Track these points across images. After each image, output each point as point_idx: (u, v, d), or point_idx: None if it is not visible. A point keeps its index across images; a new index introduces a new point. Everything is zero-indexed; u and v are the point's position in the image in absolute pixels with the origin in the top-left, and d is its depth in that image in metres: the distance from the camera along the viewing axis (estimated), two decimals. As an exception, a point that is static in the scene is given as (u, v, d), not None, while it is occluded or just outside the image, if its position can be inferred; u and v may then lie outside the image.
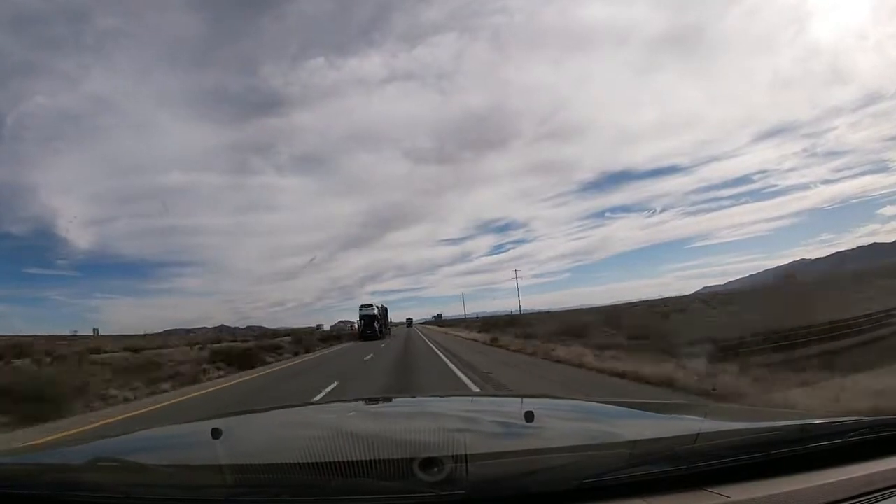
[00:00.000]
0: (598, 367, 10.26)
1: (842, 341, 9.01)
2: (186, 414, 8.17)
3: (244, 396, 11.37)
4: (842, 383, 5.80)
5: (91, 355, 24.43)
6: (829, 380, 6.21)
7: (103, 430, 6.73)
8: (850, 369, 6.55)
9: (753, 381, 6.67)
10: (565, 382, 9.14)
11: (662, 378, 7.57)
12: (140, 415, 8.97)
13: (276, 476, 1.02)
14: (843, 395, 5.16)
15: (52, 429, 7.64)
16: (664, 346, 10.79)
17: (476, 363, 14.01)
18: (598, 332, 19.83)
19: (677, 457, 0.94)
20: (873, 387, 5.33)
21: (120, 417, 8.73)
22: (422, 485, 0.85)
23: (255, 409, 3.17)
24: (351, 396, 7.87)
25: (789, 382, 6.43)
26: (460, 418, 1.69)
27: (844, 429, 1.05)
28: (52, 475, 1.13)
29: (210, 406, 9.57)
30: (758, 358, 8.28)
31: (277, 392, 11.81)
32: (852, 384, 5.67)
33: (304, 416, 2.04)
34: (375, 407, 2.30)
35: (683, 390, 6.73)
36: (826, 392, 5.43)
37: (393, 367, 15.62)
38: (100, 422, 8.25)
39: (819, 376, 6.59)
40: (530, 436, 1.32)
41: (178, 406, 10.13)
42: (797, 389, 5.85)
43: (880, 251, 34.68)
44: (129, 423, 7.98)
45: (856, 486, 0.89)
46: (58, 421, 8.43)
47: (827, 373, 6.76)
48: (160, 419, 7.70)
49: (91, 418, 8.73)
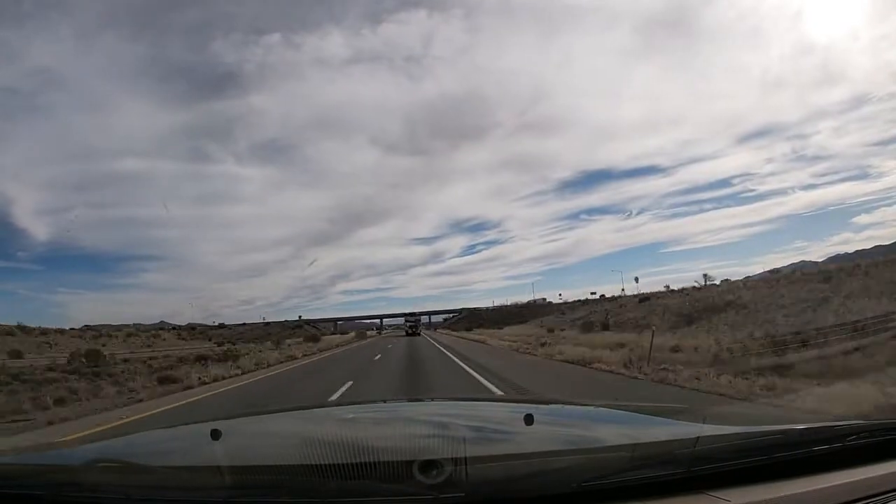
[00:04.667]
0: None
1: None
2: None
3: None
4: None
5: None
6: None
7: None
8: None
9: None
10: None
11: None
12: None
13: (275, 478, 1.02)
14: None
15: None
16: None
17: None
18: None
19: (677, 460, 0.94)
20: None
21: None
22: (421, 487, 0.85)
23: (255, 410, 3.17)
24: (351, 399, 7.85)
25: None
26: (460, 421, 1.69)
27: (845, 432, 1.05)
28: (52, 475, 1.13)
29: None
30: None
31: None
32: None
33: (304, 418, 2.04)
34: (375, 409, 2.30)
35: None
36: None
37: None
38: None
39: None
40: (530, 439, 1.32)
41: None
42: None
43: (844, 259, 33.69)
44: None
45: (856, 490, 0.89)
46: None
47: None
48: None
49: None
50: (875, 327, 11.23)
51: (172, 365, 17.41)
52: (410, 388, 10.68)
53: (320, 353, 29.16)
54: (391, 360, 19.07)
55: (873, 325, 11.43)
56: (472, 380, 10.93)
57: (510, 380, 10.48)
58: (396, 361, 18.02)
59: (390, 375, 13.42)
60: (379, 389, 10.51)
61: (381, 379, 12.81)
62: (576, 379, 10.57)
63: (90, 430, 6.55)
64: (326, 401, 7.70)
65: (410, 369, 14.73)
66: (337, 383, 11.07)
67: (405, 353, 22.03)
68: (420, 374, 13.26)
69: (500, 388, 9.10)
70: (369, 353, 23.52)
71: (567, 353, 15.10)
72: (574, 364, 12.89)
